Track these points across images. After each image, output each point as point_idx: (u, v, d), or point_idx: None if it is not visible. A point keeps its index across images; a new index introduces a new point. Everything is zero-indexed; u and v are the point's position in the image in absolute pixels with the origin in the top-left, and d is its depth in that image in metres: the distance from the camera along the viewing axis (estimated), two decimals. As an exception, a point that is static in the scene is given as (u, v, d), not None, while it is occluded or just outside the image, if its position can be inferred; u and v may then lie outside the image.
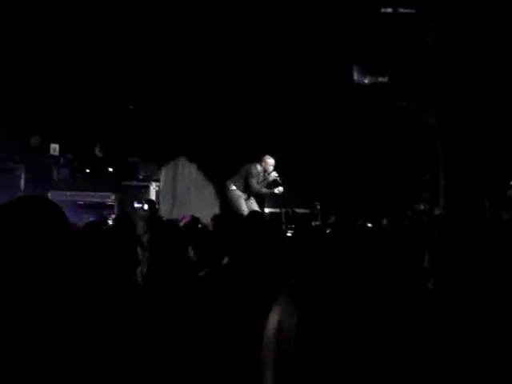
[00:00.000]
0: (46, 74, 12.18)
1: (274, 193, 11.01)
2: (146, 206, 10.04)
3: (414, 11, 12.17)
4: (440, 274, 1.63)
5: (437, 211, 9.72)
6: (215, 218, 6.31)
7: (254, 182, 10.82)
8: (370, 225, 7.98)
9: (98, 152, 12.65)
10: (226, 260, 5.08)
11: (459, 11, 10.77)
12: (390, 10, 12.39)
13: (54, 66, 12.15)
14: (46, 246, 1.84)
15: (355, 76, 12.09)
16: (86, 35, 12.00)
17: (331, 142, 12.48)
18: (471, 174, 10.24)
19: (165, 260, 3.96)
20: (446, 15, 11.33)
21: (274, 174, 10.91)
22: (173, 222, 5.35)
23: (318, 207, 11.40)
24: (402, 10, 12.29)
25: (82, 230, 5.70)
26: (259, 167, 10.91)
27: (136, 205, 10.08)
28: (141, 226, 5.94)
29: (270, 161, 10.93)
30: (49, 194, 11.81)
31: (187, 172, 13.36)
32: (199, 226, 7.43)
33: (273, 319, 1.14)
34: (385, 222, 6.25)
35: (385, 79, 11.59)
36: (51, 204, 1.96)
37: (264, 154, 10.97)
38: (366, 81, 11.72)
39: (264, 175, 10.94)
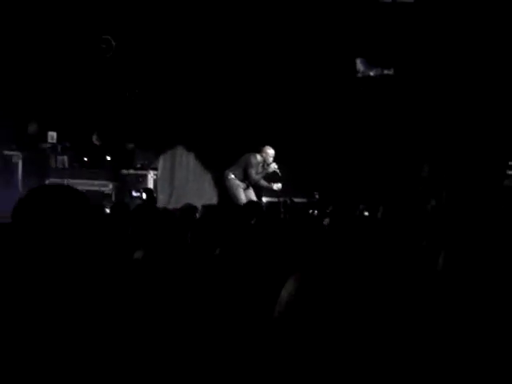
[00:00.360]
0: (44, 61, 12.16)
1: (272, 189, 11.03)
2: (144, 195, 10.04)
3: (412, 1, 12.15)
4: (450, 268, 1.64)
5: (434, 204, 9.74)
6: (204, 208, 6.32)
7: (253, 172, 10.83)
8: (366, 213, 7.99)
9: (95, 140, 12.64)
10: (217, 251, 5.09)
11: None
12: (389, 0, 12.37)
13: (51, 53, 12.13)
14: (74, 233, 1.85)
15: (360, 68, 12.07)
16: (84, 21, 11.98)
17: (331, 131, 12.47)
18: (471, 166, 10.27)
19: (160, 248, 3.97)
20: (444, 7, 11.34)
21: (274, 166, 10.91)
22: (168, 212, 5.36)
23: (317, 196, 11.39)
24: (400, 0, 12.27)
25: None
26: (259, 157, 10.92)
27: (134, 194, 10.08)
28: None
29: (271, 151, 10.93)
30: (46, 182, 11.81)
31: (185, 161, 13.34)
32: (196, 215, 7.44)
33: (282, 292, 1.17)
34: (380, 211, 6.25)
35: (390, 71, 11.56)
36: (78, 192, 1.96)
37: (264, 145, 10.98)
38: (372, 73, 11.70)
39: (263, 166, 10.95)
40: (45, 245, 1.81)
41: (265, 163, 10.93)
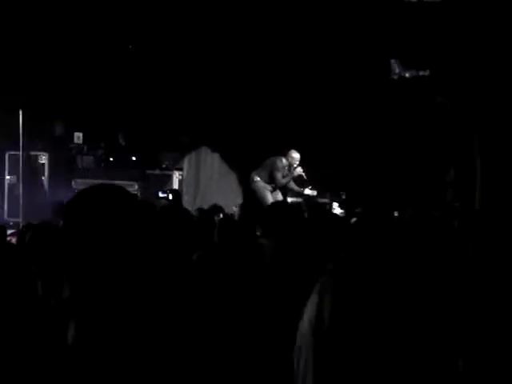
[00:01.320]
0: (70, 62, 12.22)
1: (303, 193, 11.03)
2: (170, 196, 10.04)
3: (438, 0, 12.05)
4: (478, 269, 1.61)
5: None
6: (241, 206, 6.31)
7: (279, 175, 10.86)
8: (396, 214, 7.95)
9: (121, 140, 12.69)
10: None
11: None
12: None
13: (78, 55, 12.18)
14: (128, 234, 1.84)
15: (394, 70, 11.98)
16: (110, 25, 12.03)
17: (360, 131, 12.41)
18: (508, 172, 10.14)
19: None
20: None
21: (300, 170, 10.93)
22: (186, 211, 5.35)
23: (344, 197, 11.35)
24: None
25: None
26: (285, 161, 10.95)
27: (161, 194, 10.09)
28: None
29: (296, 156, 10.96)
30: (72, 182, 11.87)
31: (210, 161, 13.36)
32: (221, 215, 7.45)
33: (311, 307, 1.14)
34: (408, 213, 6.22)
35: (426, 73, 11.44)
36: (129, 193, 1.95)
37: (290, 148, 11.00)
38: (407, 74, 11.60)
39: (289, 169, 10.96)
40: (99, 247, 1.80)
41: (291, 167, 10.95)
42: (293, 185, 11.07)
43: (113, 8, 11.81)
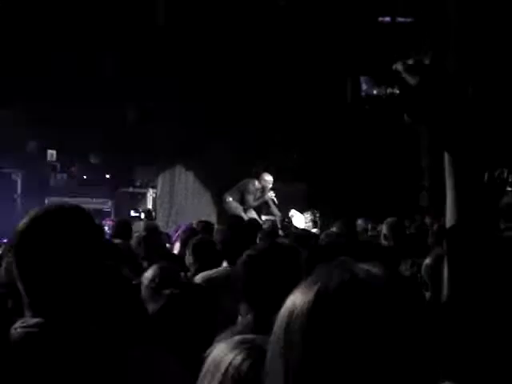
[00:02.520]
0: (45, 78, 12.17)
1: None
2: (142, 215, 9.99)
3: (411, 20, 12.18)
4: (450, 285, 1.62)
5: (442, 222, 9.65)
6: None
7: (250, 198, 11.01)
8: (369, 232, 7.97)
9: (92, 159, 12.64)
10: (224, 264, 5.11)
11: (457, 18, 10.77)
12: (388, 19, 12.40)
13: (52, 73, 12.14)
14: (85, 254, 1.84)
15: (363, 87, 12.04)
16: (87, 36, 12.00)
17: (332, 148, 12.48)
18: (478, 181, 10.19)
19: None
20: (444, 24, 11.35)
21: (271, 194, 11.07)
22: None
23: (318, 215, 11.39)
24: (400, 20, 12.30)
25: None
26: (257, 184, 11.09)
27: (133, 213, 10.04)
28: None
29: (269, 178, 11.10)
30: (45, 200, 11.80)
31: (184, 179, 13.35)
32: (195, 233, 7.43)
33: (288, 301, 1.15)
34: (384, 229, 6.26)
35: (394, 90, 11.51)
36: (87, 213, 1.95)
37: (263, 172, 11.10)
38: (375, 92, 11.66)
39: (262, 192, 11.08)
40: (54, 267, 1.80)
41: (264, 189, 11.07)
42: (271, 204, 11.16)
43: (84, 19, 11.81)
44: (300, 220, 10.76)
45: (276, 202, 11.09)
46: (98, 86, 12.39)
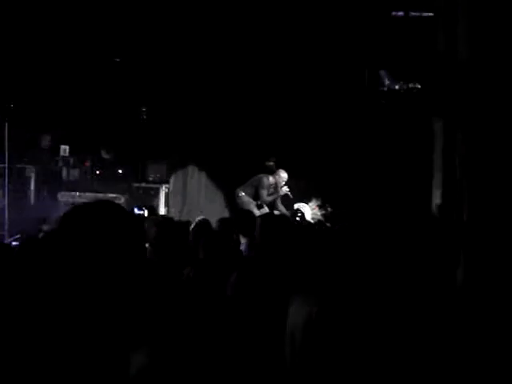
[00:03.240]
0: (57, 75, 12.20)
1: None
2: (146, 212, 9.87)
3: (425, 15, 12.10)
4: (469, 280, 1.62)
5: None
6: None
7: (264, 193, 10.96)
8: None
9: (104, 154, 12.65)
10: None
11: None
12: (401, 13, 12.32)
13: (65, 68, 12.16)
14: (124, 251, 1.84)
15: (384, 81, 11.99)
16: (98, 39, 12.01)
17: (347, 143, 12.43)
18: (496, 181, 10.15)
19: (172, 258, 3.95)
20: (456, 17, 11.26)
21: (286, 189, 11.02)
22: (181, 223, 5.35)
23: (329, 209, 11.37)
24: (413, 14, 12.21)
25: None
26: (271, 179, 11.04)
27: (136, 211, 9.91)
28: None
29: (284, 175, 11.09)
30: (58, 195, 11.82)
31: (197, 174, 13.34)
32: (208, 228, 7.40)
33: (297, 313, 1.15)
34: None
35: (416, 85, 11.43)
36: (127, 211, 1.95)
37: (278, 168, 11.08)
38: (397, 86, 11.61)
39: (275, 188, 11.04)
40: (91, 264, 1.80)
41: (277, 185, 11.03)
42: (279, 203, 11.13)
43: (100, 21, 11.81)
44: (307, 210, 10.78)
45: (291, 196, 11.05)
46: (110, 82, 12.43)
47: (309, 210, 10.87)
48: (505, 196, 10.29)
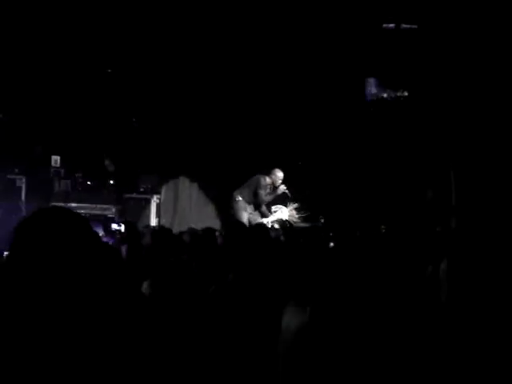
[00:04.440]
0: (49, 86, 12.20)
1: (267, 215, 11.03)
2: (123, 228, 9.71)
3: (415, 27, 12.16)
4: (456, 287, 1.63)
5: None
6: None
7: (262, 193, 10.91)
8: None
9: (108, 165, 12.62)
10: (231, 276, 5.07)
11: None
12: (392, 25, 12.38)
13: (57, 78, 12.17)
14: (73, 255, 1.83)
15: (372, 90, 12.06)
16: (89, 48, 12.02)
17: (338, 153, 12.48)
18: (485, 187, 10.21)
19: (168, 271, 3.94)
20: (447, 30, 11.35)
21: (283, 187, 10.97)
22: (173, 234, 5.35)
23: (322, 221, 11.35)
24: (404, 26, 12.28)
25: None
26: (268, 179, 11.00)
27: (115, 227, 9.77)
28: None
29: (280, 174, 11.03)
30: (50, 206, 11.78)
31: (188, 185, 13.36)
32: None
33: (287, 319, 1.16)
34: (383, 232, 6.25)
35: (404, 94, 11.52)
36: (78, 215, 1.95)
37: (274, 167, 11.05)
38: (385, 95, 11.69)
39: (272, 188, 11.00)
40: (44, 271, 1.80)
41: (274, 185, 11.00)
42: (264, 208, 11.09)
43: (92, 33, 11.82)
44: (284, 212, 10.78)
45: (289, 195, 11.01)
46: (102, 93, 12.44)
47: (286, 212, 10.87)
48: (491, 199, 10.37)
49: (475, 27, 10.77)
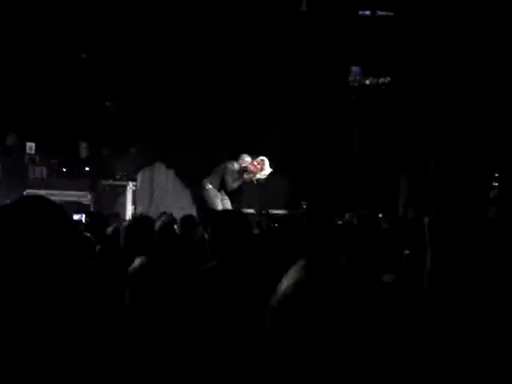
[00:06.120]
0: (22, 72, 12.10)
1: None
2: (83, 219, 9.63)
3: (392, 14, 12.19)
4: (437, 276, 1.64)
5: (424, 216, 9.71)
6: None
7: (229, 179, 10.84)
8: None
9: (82, 151, 12.52)
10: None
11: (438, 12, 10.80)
12: (368, 12, 12.40)
13: (31, 64, 12.07)
14: (49, 245, 1.82)
15: (355, 76, 12.08)
16: (63, 35, 11.94)
17: (321, 139, 12.51)
18: (463, 176, 10.28)
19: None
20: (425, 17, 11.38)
21: (251, 175, 10.87)
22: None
23: (304, 207, 11.34)
24: (380, 13, 12.30)
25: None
26: (236, 165, 10.91)
27: (75, 216, 9.67)
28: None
29: (248, 159, 10.91)
30: (24, 193, 11.70)
31: (164, 173, 13.33)
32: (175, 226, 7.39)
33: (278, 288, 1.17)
34: (355, 221, 6.27)
35: (386, 80, 11.55)
36: (54, 204, 1.94)
37: (242, 153, 10.97)
38: (367, 81, 11.71)
39: (240, 173, 10.90)
40: (16, 260, 1.78)
41: (241, 171, 10.91)
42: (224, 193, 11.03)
43: (65, 16, 11.74)
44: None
45: (255, 182, 10.93)
46: (78, 78, 12.36)
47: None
48: (471, 192, 10.44)
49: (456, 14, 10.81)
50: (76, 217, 9.70)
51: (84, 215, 9.70)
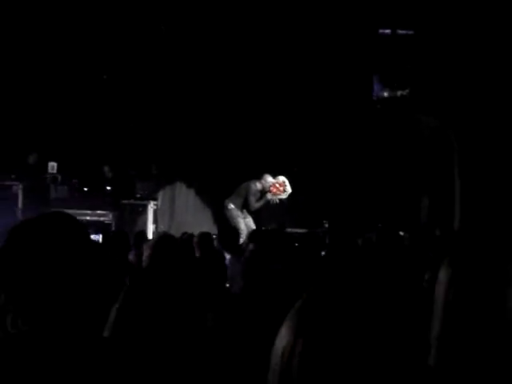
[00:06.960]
0: (45, 92, 12.19)
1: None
2: (100, 238, 9.60)
3: (412, 32, 12.17)
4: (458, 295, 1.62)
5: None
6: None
7: (253, 199, 10.84)
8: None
9: (107, 172, 12.60)
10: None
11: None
12: (388, 31, 12.39)
13: (53, 85, 12.16)
14: (70, 260, 1.82)
15: (374, 88, 12.04)
16: (85, 56, 12.02)
17: (342, 155, 12.47)
18: (489, 190, 10.17)
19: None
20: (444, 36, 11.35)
21: (271, 196, 10.89)
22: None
23: (326, 225, 11.28)
24: (400, 32, 12.29)
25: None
26: (259, 185, 10.92)
27: (93, 236, 9.62)
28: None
29: (270, 179, 10.92)
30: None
31: (185, 192, 13.35)
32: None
33: (280, 340, 1.14)
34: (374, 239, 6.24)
35: (405, 92, 11.50)
36: (76, 221, 1.94)
37: (264, 173, 10.98)
38: (386, 94, 11.67)
39: (263, 193, 10.91)
40: (38, 274, 1.78)
41: (264, 191, 10.91)
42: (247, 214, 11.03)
43: (88, 39, 11.82)
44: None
45: (277, 201, 10.93)
46: (98, 99, 12.43)
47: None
48: (495, 199, 10.33)
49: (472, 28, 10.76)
50: (93, 237, 9.70)
51: (101, 235, 9.71)
